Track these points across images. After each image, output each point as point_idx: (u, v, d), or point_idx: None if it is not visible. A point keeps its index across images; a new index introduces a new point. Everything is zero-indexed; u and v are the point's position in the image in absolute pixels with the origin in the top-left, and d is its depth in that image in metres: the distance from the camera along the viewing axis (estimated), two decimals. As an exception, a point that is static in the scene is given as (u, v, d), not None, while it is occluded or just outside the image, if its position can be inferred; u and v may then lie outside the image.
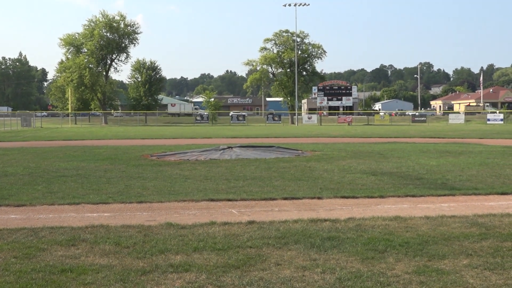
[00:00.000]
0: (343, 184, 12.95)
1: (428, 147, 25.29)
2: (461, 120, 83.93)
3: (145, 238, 7.54)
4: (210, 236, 7.63)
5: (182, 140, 35.45)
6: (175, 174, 14.90)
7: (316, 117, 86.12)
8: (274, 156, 20.27)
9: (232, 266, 6.23)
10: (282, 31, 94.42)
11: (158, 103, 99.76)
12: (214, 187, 12.41)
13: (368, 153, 22.05)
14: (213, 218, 8.92)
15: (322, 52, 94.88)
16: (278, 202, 10.63)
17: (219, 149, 21.62)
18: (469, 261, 6.39)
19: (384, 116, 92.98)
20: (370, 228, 8.12)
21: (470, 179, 13.82)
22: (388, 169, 16.15)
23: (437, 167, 16.62)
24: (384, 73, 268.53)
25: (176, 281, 5.75)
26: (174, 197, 10.96)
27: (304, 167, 16.62)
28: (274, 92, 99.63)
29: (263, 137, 39.02)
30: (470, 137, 37.38)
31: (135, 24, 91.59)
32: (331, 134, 45.13)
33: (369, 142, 31.09)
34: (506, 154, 21.07)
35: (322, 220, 8.65)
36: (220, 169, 16.15)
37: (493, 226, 8.22)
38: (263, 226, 8.22)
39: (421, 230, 7.99)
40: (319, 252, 6.79)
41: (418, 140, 33.45)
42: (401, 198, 11.08)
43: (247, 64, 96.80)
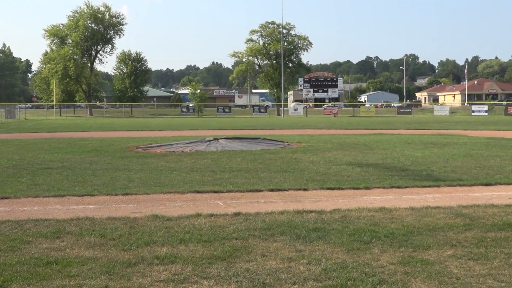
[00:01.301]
0: (328, 175, 12.99)
1: (413, 139, 25.42)
2: (446, 112, 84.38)
3: (130, 230, 7.52)
4: (196, 227, 7.63)
5: (168, 132, 35.36)
6: (161, 166, 14.86)
7: (302, 108, 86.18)
8: (260, 147, 20.28)
9: (218, 257, 6.23)
10: (268, 23, 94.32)
11: (143, 94, 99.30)
12: (200, 179, 12.40)
13: (354, 144, 22.12)
14: (199, 209, 8.91)
15: (308, 44, 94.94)
16: (264, 193, 10.64)
17: (205, 141, 21.58)
18: (453, 252, 6.44)
19: (370, 108, 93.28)
20: (355, 219, 8.16)
21: (455, 170, 13.92)
22: (374, 160, 16.21)
23: (422, 158, 16.71)
24: (370, 65, 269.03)
25: (162, 273, 5.74)
26: (160, 189, 10.94)
27: (290, 158, 16.65)
28: (260, 83, 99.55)
29: (249, 129, 39.01)
30: (455, 129, 37.61)
31: (120, 15, 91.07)
32: (317, 125, 45.21)
33: (354, 134, 31.19)
34: (490, 145, 21.23)
35: (308, 212, 8.67)
36: (206, 161, 16.14)
37: (477, 217, 8.29)
38: (249, 218, 8.23)
39: (406, 221, 8.04)
40: (305, 244, 6.81)
41: (403, 132, 33.61)
42: (386, 189, 11.13)
43: (233, 55, 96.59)
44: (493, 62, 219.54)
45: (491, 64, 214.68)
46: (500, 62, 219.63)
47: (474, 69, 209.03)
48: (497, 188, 11.36)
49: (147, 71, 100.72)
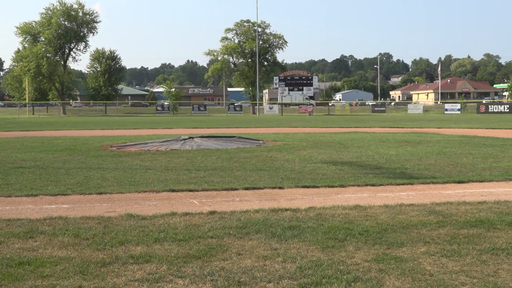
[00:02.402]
0: (304, 173, 13.02)
1: (387, 137, 25.61)
2: (419, 110, 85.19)
3: (105, 229, 7.45)
4: (171, 226, 7.59)
5: (143, 130, 35.16)
6: (136, 165, 14.77)
7: (278, 107, 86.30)
8: (235, 146, 20.26)
9: (193, 256, 6.21)
10: (243, 21, 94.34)
11: (118, 93, 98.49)
12: (175, 178, 12.35)
13: (329, 143, 22.22)
14: (174, 208, 8.87)
15: (283, 43, 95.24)
16: (239, 192, 10.63)
17: (180, 139, 21.50)
18: (426, 249, 6.50)
19: (345, 106, 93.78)
20: (330, 217, 8.19)
21: (428, 168, 14.06)
22: (348, 158, 16.30)
23: (396, 156, 16.85)
24: (344, 63, 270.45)
25: (137, 272, 5.71)
26: (135, 188, 10.87)
27: (265, 157, 16.66)
28: (236, 82, 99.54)
29: (224, 128, 38.96)
30: (429, 127, 38.00)
31: (93, 13, 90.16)
32: (292, 124, 45.33)
33: (329, 132, 31.34)
34: (463, 143, 21.49)
35: (283, 210, 8.69)
36: (181, 159, 16.08)
37: (450, 214, 8.38)
38: (224, 216, 8.21)
39: (380, 218, 8.09)
40: (280, 242, 6.82)
41: (377, 130, 33.86)
42: (361, 187, 11.20)
43: (208, 54, 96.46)
44: (466, 61, 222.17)
45: (464, 63, 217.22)
46: (472, 61, 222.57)
47: (447, 68, 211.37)
48: (470, 185, 11.50)
49: (121, 69, 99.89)
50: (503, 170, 13.50)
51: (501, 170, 13.60)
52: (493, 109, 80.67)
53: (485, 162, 15.11)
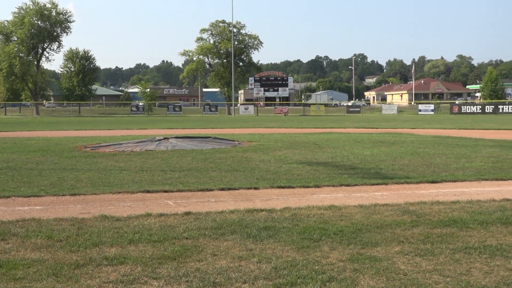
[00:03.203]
0: (279, 174, 13.04)
1: (362, 137, 25.78)
2: (394, 111, 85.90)
3: (78, 231, 7.38)
4: (146, 228, 7.55)
5: (117, 131, 34.90)
6: (110, 166, 14.66)
7: (253, 107, 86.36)
8: (210, 147, 20.22)
9: (168, 257, 6.18)
10: (219, 22, 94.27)
11: (92, 93, 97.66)
12: (150, 179, 12.28)
13: (304, 143, 22.29)
14: (149, 209, 8.82)
15: (258, 43, 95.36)
16: (215, 192, 10.61)
17: (155, 140, 21.39)
18: (400, 248, 6.55)
19: (320, 107, 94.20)
20: (305, 217, 8.22)
21: (402, 168, 14.17)
22: (324, 159, 16.37)
23: (371, 156, 16.96)
24: (319, 64, 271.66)
25: (111, 274, 5.66)
26: (109, 189, 10.77)
27: (241, 157, 16.65)
28: (211, 82, 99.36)
29: (199, 128, 38.87)
30: (403, 127, 38.34)
31: (67, 12, 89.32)
32: (267, 124, 45.38)
33: (305, 133, 31.45)
34: (436, 144, 21.71)
35: (259, 210, 8.69)
36: (156, 160, 16.00)
37: (424, 214, 8.46)
38: (200, 217, 8.19)
39: (355, 218, 8.14)
40: (255, 242, 6.82)
41: (352, 131, 34.06)
42: (336, 187, 11.25)
43: (183, 54, 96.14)
44: (439, 62, 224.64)
45: (437, 64, 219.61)
46: (445, 62, 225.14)
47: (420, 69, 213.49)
48: (443, 185, 11.62)
49: (95, 69, 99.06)
50: (475, 170, 13.66)
51: (474, 170, 13.76)
52: (466, 109, 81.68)
53: (458, 162, 15.29)
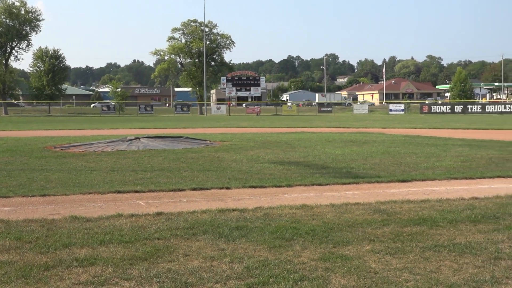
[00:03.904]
0: (251, 174, 13.05)
1: (333, 137, 25.93)
2: (365, 111, 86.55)
3: (48, 232, 7.29)
4: (117, 228, 7.48)
5: (88, 131, 34.57)
6: (80, 166, 14.51)
7: (225, 107, 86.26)
8: (182, 146, 20.15)
9: (140, 258, 6.14)
10: (190, 21, 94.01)
11: (62, 93, 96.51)
12: (121, 179, 12.18)
13: (276, 143, 22.34)
14: (120, 210, 8.75)
15: (230, 43, 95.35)
16: (187, 192, 10.57)
17: (126, 140, 21.23)
18: (371, 247, 6.60)
19: (292, 107, 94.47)
20: (277, 216, 8.23)
21: (373, 167, 14.29)
22: (295, 158, 16.42)
23: (342, 156, 17.07)
24: (291, 64, 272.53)
25: (81, 275, 5.60)
26: (79, 190, 10.66)
27: (213, 157, 16.62)
28: (183, 82, 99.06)
29: (171, 128, 38.69)
30: (374, 127, 38.65)
31: (36, 11, 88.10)
32: (239, 124, 45.38)
33: (277, 132, 31.52)
34: (406, 143, 21.93)
35: (231, 210, 8.68)
36: (127, 160, 15.88)
37: (394, 212, 8.54)
38: (171, 217, 8.15)
39: (327, 217, 8.17)
40: (227, 242, 6.81)
41: (324, 130, 34.24)
42: (307, 186, 11.29)
43: (154, 53, 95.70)
44: (409, 62, 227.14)
45: (407, 64, 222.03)
46: (415, 63, 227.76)
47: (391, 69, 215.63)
48: (413, 184, 11.74)
49: (65, 68, 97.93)
50: (445, 169, 13.84)
51: (443, 169, 13.94)
52: (436, 109, 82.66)
53: (428, 161, 15.47)
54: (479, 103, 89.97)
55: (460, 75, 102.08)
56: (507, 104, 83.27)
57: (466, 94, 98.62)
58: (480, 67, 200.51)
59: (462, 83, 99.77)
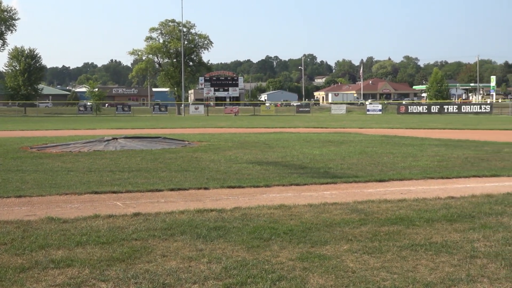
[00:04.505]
0: (229, 174, 13.04)
1: (311, 137, 26.00)
2: (343, 111, 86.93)
3: (24, 233, 7.21)
4: (94, 229, 7.43)
5: (65, 131, 34.26)
6: (57, 167, 14.37)
7: (203, 107, 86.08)
8: (160, 147, 20.06)
9: (117, 259, 6.10)
10: (168, 21, 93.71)
11: (38, 93, 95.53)
12: (98, 180, 12.10)
13: (254, 143, 22.34)
14: (97, 211, 8.69)
15: (208, 43, 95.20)
16: (165, 193, 10.53)
17: (104, 140, 21.08)
18: (349, 246, 6.63)
19: (270, 107, 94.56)
20: (255, 217, 8.23)
21: (351, 167, 14.36)
22: (274, 158, 16.44)
23: (320, 156, 17.12)
24: (269, 64, 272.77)
25: (58, 277, 5.55)
26: (56, 190, 10.56)
27: (191, 157, 16.58)
28: (161, 82, 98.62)
29: (149, 128, 38.51)
30: (351, 127, 38.85)
31: (12, 10, 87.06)
32: (217, 124, 45.31)
33: (255, 133, 31.52)
34: (384, 143, 22.08)
35: (209, 210, 8.67)
36: (104, 160, 15.77)
37: (372, 212, 8.59)
38: (149, 218, 8.11)
39: (305, 217, 8.20)
40: (205, 242, 6.80)
41: (302, 130, 34.33)
42: (285, 187, 11.31)
43: (132, 53, 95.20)
44: (387, 63, 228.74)
45: (385, 65, 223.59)
46: (392, 63, 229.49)
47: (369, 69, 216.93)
48: (390, 184, 11.82)
49: (41, 68, 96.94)
50: (421, 169, 13.96)
51: (420, 168, 14.06)
52: (413, 109, 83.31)
53: (405, 161, 15.59)
54: (455, 103, 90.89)
55: (436, 76, 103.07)
56: (482, 105, 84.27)
57: (443, 94, 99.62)
58: (456, 68, 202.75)
59: (438, 84, 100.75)
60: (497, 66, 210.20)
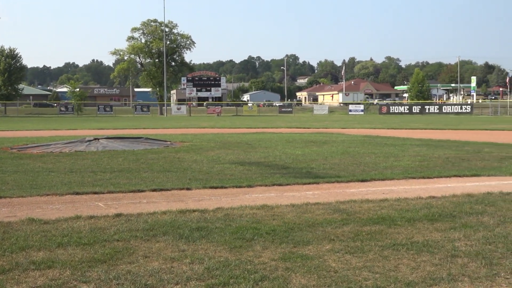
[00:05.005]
0: (212, 174, 13.02)
1: (294, 137, 26.05)
2: (325, 111, 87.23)
3: (4, 235, 7.14)
4: (75, 230, 7.37)
5: (46, 131, 33.98)
6: (38, 167, 14.25)
7: (185, 108, 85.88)
8: (142, 147, 19.98)
9: (98, 260, 6.06)
10: (150, 21, 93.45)
11: (18, 93, 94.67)
12: (80, 180, 12.01)
13: (237, 143, 22.33)
14: (79, 212, 8.62)
15: (191, 43, 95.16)
16: (147, 194, 10.48)
17: (85, 140, 20.94)
18: (331, 246, 6.65)
19: (252, 107, 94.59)
20: (238, 217, 8.22)
21: (333, 167, 14.40)
22: (256, 159, 16.45)
23: (303, 156, 17.16)
24: (252, 64, 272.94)
25: (38, 278, 5.50)
26: (37, 191, 10.47)
27: (173, 158, 16.53)
28: (143, 82, 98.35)
29: (131, 128, 38.34)
30: (333, 127, 38.99)
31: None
32: (200, 125, 45.23)
33: (237, 133, 31.52)
34: (366, 143, 22.18)
35: (191, 211, 8.64)
36: (86, 161, 15.66)
37: (354, 212, 8.62)
38: (131, 219, 8.07)
39: (287, 217, 8.20)
40: (188, 243, 6.78)
41: (284, 131, 34.38)
42: (268, 187, 11.31)
43: (114, 53, 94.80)
44: (368, 63, 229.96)
45: (367, 65, 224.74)
46: (374, 64, 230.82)
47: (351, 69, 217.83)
48: (372, 184, 11.87)
49: (22, 68, 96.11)
50: (403, 169, 14.04)
51: (401, 168, 14.13)
52: (394, 110, 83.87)
53: (387, 161, 15.67)
54: (436, 103, 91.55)
55: (417, 76, 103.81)
56: (463, 105, 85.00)
57: (424, 94, 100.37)
58: (437, 68, 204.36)
59: (419, 84, 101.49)
60: (477, 66, 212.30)
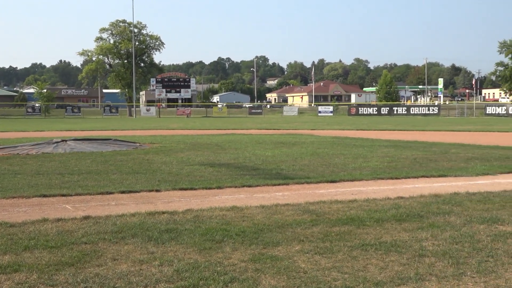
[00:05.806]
0: (181, 176, 12.96)
1: (264, 139, 26.10)
2: (294, 112, 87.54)
3: (-31, 238, 7.00)
4: (42, 233, 7.27)
5: (12, 133, 33.48)
6: (3, 170, 14.02)
7: (155, 109, 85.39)
8: (111, 149, 19.80)
9: (66, 263, 5.98)
10: (119, 21, 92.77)
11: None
12: (47, 182, 11.85)
13: (207, 144, 22.29)
14: (46, 214, 8.51)
15: (160, 44, 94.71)
16: (115, 196, 10.39)
17: (52, 142, 20.68)
18: (301, 247, 6.67)
19: (222, 108, 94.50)
20: (207, 219, 8.20)
21: (303, 168, 14.46)
22: (226, 160, 16.43)
23: (272, 157, 17.19)
24: (222, 65, 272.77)
25: (4, 282, 5.40)
26: (2, 194, 10.29)
27: (142, 159, 16.42)
28: (111, 83, 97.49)
29: (99, 130, 37.97)
30: (303, 128, 39.15)
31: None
32: (169, 126, 45.02)
33: (207, 134, 31.46)
34: (335, 144, 22.32)
35: (160, 213, 8.59)
36: (53, 163, 15.47)
37: (323, 213, 8.66)
38: (99, 221, 7.99)
39: (257, 219, 8.21)
40: (157, 245, 6.74)
41: (254, 132, 34.41)
42: (238, 188, 11.30)
43: (82, 54, 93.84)
44: (338, 65, 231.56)
45: (336, 67, 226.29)
46: (343, 65, 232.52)
47: (320, 71, 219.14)
48: (341, 184, 11.94)
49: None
50: (372, 170, 14.15)
51: (370, 169, 14.25)
52: (363, 111, 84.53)
53: (356, 162, 15.78)
54: (404, 105, 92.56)
55: (386, 78, 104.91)
56: (430, 106, 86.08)
57: (392, 96, 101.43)
58: (405, 70, 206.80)
59: (388, 86, 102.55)
60: (444, 68, 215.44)
